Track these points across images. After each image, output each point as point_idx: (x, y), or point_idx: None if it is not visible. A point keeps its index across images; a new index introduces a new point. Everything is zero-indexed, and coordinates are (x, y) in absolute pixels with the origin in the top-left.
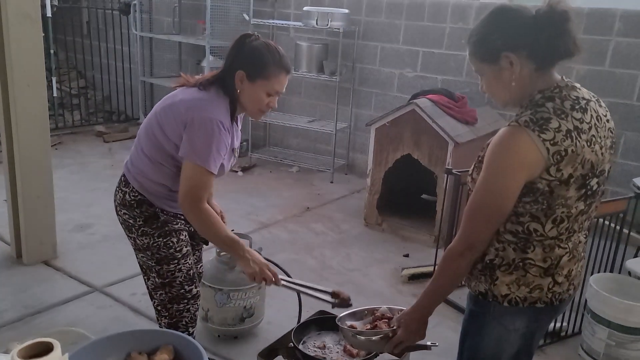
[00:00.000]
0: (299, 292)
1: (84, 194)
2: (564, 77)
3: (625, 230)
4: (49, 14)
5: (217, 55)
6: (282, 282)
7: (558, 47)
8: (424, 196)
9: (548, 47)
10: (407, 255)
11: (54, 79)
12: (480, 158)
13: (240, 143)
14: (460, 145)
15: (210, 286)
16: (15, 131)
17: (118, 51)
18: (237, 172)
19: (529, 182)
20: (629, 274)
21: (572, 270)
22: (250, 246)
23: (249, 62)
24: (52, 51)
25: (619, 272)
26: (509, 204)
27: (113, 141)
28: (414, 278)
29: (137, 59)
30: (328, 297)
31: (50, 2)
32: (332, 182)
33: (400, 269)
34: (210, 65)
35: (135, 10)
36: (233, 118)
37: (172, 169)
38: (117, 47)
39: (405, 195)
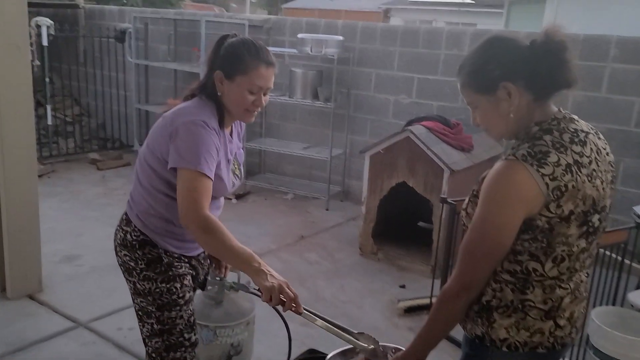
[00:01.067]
0: (325, 327)
1: (74, 223)
2: (561, 109)
3: (627, 261)
4: (45, 42)
5: None
6: (304, 311)
7: (557, 77)
8: (420, 224)
9: (547, 78)
10: (403, 286)
11: (48, 107)
12: (475, 192)
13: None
14: (456, 172)
15: (199, 323)
16: (1, 162)
17: (113, 78)
18: (230, 199)
19: (528, 219)
20: (632, 306)
21: (575, 312)
22: (239, 279)
23: (225, 60)
24: (47, 79)
25: (622, 305)
26: (507, 241)
27: (107, 169)
28: (410, 310)
29: (132, 86)
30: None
31: (47, 31)
32: (327, 210)
33: (396, 300)
34: None
35: (131, 38)
36: (222, 124)
37: (172, 197)
38: (113, 74)
39: (401, 224)
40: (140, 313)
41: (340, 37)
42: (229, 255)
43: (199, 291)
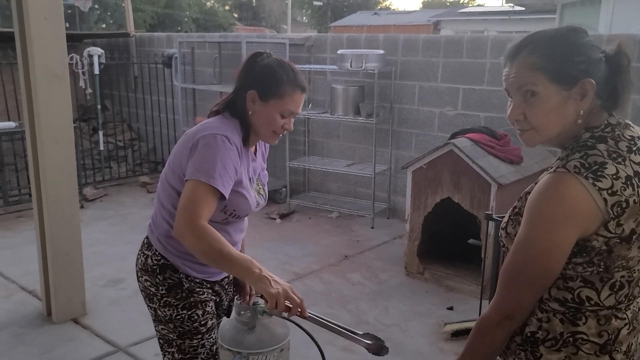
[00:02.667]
0: (330, 329)
1: (121, 246)
2: (614, 114)
3: None
4: (96, 71)
5: None
6: (310, 315)
7: (626, 91)
8: (471, 241)
9: (619, 89)
10: (451, 308)
11: (100, 133)
12: (516, 210)
13: (279, 189)
14: (504, 186)
15: (228, 349)
16: (44, 188)
17: (162, 103)
18: (274, 219)
19: (582, 240)
20: None
21: (632, 344)
22: (263, 312)
23: (261, 81)
24: (99, 106)
25: None
26: (556, 266)
27: (155, 191)
28: (457, 334)
29: (180, 109)
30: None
31: (98, 60)
32: (372, 228)
33: (443, 323)
34: None
35: (177, 63)
36: (246, 142)
37: None
38: (162, 99)
39: (449, 241)
40: (161, 341)
41: (381, 51)
42: (227, 264)
43: (232, 316)
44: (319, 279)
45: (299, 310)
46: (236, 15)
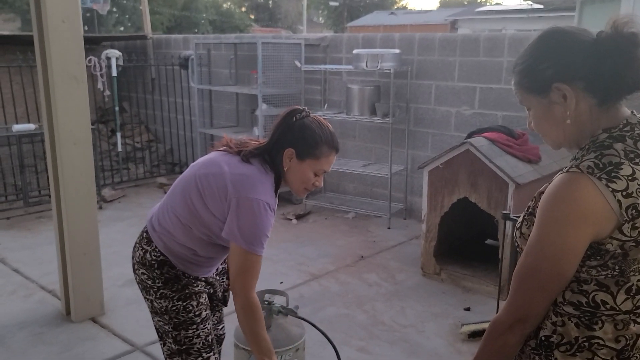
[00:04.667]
0: None
1: None
2: (634, 112)
3: None
4: (114, 73)
5: (270, 103)
6: None
7: (625, 78)
8: (488, 241)
9: (613, 78)
10: (468, 309)
11: (118, 135)
12: (530, 209)
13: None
14: (522, 186)
15: (244, 348)
16: (62, 189)
17: (179, 104)
18: (290, 220)
19: (596, 243)
20: None
21: None
22: (287, 304)
23: (300, 140)
24: (116, 108)
25: None
26: (569, 269)
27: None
28: (474, 335)
29: (196, 111)
30: None
31: (116, 62)
32: (389, 228)
33: (460, 324)
34: (264, 113)
35: (194, 65)
36: (277, 191)
37: (203, 236)
38: (179, 100)
39: (465, 242)
40: (159, 332)
41: (397, 50)
42: (253, 340)
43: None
44: (335, 279)
45: None
46: (252, 17)
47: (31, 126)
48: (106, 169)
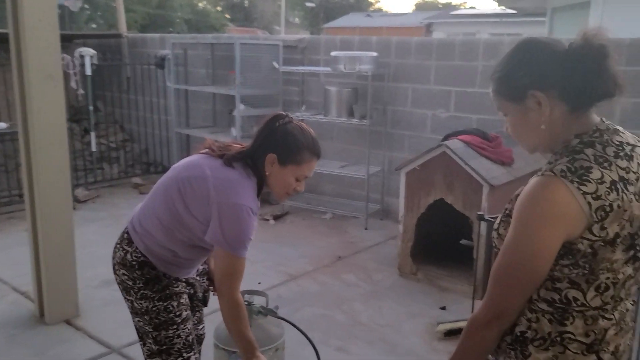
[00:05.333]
0: None
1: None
2: (604, 119)
3: None
4: (88, 72)
5: (248, 104)
6: None
7: (595, 87)
8: (463, 242)
9: (583, 87)
10: (443, 308)
11: (92, 134)
12: (507, 211)
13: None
14: (496, 188)
15: (224, 348)
16: (37, 189)
17: (155, 104)
18: (268, 220)
19: (568, 243)
20: None
21: (620, 345)
22: (267, 304)
23: (282, 146)
24: (91, 107)
25: None
26: (543, 267)
27: (148, 192)
28: (450, 334)
29: (172, 110)
30: None
31: (91, 61)
32: (366, 229)
33: (436, 323)
34: (242, 114)
35: (170, 64)
36: (258, 197)
37: (184, 238)
38: (155, 100)
39: (441, 242)
40: (139, 332)
41: (374, 53)
42: (238, 339)
43: None
44: (314, 280)
45: None
46: (228, 17)
47: (2, 125)
48: (79, 169)
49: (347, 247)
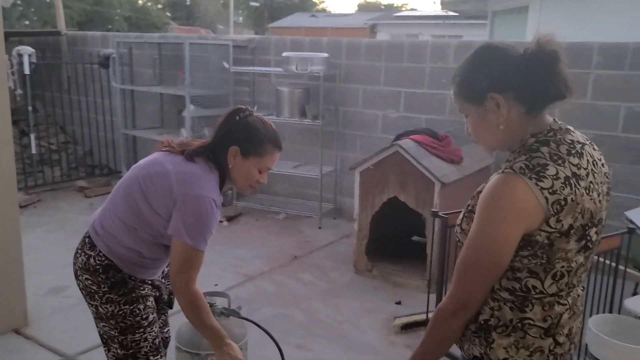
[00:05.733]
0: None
1: (61, 253)
2: (556, 119)
3: (621, 267)
4: (27, 71)
5: (198, 104)
6: None
7: (548, 89)
8: (414, 238)
9: (538, 90)
10: (399, 303)
11: (32, 136)
12: (470, 207)
13: (225, 191)
14: (447, 185)
15: (186, 351)
16: None
17: (99, 104)
18: (222, 222)
19: (527, 235)
20: (629, 313)
21: (573, 327)
22: (229, 305)
23: (244, 139)
24: (30, 108)
25: (619, 311)
26: (505, 258)
27: (94, 196)
28: (406, 327)
29: (118, 111)
30: None
31: (29, 59)
32: (320, 228)
33: (393, 318)
34: (192, 114)
35: (115, 64)
36: (222, 189)
37: (148, 237)
38: (98, 100)
39: (395, 239)
40: (104, 338)
41: (326, 55)
42: (204, 330)
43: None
44: (271, 280)
45: None
46: (169, 15)
47: None
48: (18, 172)
49: (302, 246)
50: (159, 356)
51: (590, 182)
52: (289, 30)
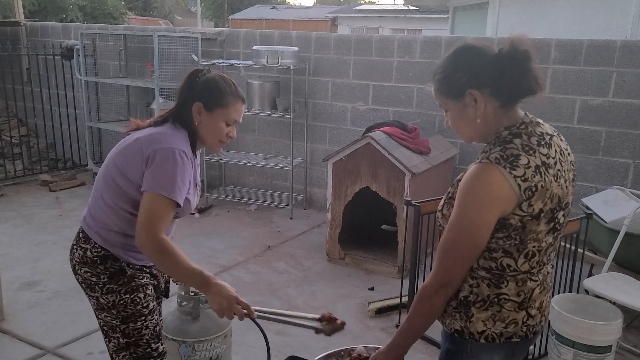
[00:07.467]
0: (280, 321)
1: (30, 248)
2: (527, 113)
3: (580, 250)
4: None
5: (167, 97)
6: (257, 313)
7: (521, 85)
8: (384, 227)
9: (511, 86)
10: (372, 289)
11: None
12: (450, 194)
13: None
14: (416, 175)
15: (173, 339)
16: None
17: (61, 97)
18: (193, 214)
19: (502, 219)
20: (587, 292)
21: (543, 301)
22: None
23: (206, 93)
24: None
25: (578, 291)
26: (483, 240)
27: (60, 190)
28: (380, 312)
29: (82, 104)
30: (316, 324)
31: None
32: (291, 219)
33: (367, 303)
34: (160, 107)
35: (79, 55)
36: (194, 151)
37: (131, 210)
38: (60, 92)
39: (366, 228)
40: (105, 328)
41: (296, 48)
42: (180, 275)
43: (175, 307)
44: (246, 269)
45: (246, 314)
46: (125, 4)
47: None
48: None
49: (274, 236)
50: (159, 343)
51: (558, 170)
52: (249, 22)
